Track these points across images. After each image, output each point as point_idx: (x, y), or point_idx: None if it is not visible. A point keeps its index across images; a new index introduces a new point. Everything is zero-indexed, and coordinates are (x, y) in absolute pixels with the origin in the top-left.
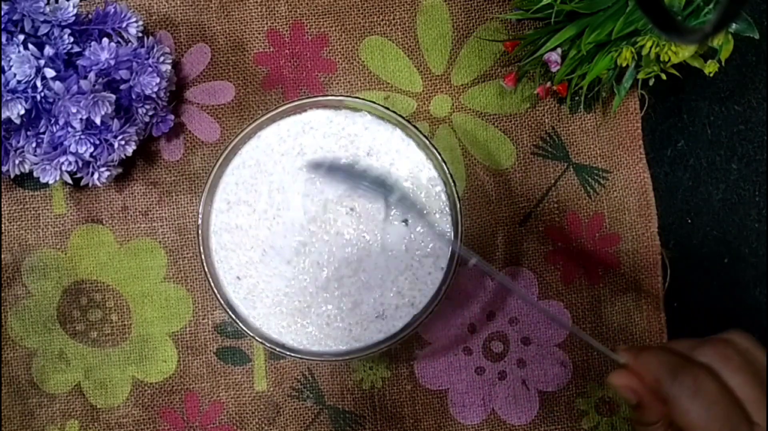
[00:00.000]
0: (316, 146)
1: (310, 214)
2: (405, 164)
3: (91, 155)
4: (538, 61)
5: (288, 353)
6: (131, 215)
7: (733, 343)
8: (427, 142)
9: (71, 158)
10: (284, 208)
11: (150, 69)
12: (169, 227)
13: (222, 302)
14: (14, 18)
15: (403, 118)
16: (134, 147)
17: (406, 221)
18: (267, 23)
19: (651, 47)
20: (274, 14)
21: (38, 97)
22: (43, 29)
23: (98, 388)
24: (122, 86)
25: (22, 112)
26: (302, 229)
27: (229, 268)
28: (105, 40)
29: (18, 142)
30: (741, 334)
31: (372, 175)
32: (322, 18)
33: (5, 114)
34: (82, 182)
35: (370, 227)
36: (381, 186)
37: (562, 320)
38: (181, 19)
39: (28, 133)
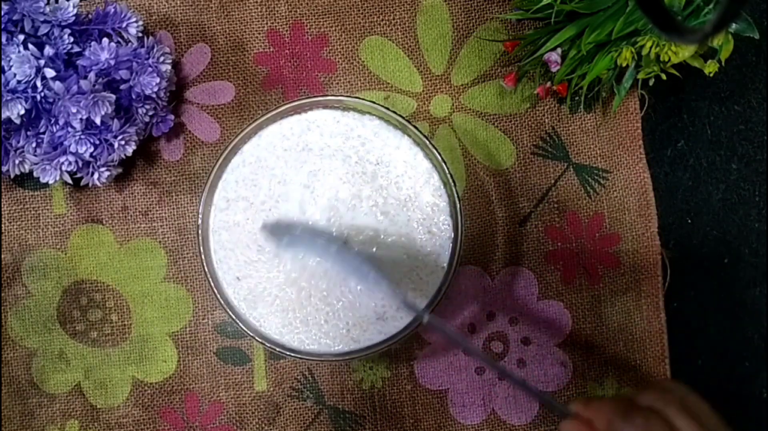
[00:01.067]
0: (322, 144)
1: (305, 204)
2: (412, 173)
3: (91, 155)
4: (538, 61)
5: (288, 353)
6: (131, 215)
7: (670, 389)
8: (427, 142)
9: (71, 158)
10: (282, 200)
11: (150, 69)
12: (169, 227)
13: (222, 302)
14: (14, 18)
15: (403, 118)
16: (134, 147)
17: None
18: (267, 23)
19: (651, 47)
20: (274, 14)
21: (38, 97)
22: (43, 29)
23: (98, 388)
24: (122, 86)
25: (22, 112)
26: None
27: (228, 268)
28: (105, 40)
29: (18, 142)
30: (676, 382)
31: (327, 235)
32: (322, 18)
33: (5, 114)
34: (82, 182)
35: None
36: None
37: (515, 377)
38: (181, 19)
39: (28, 133)
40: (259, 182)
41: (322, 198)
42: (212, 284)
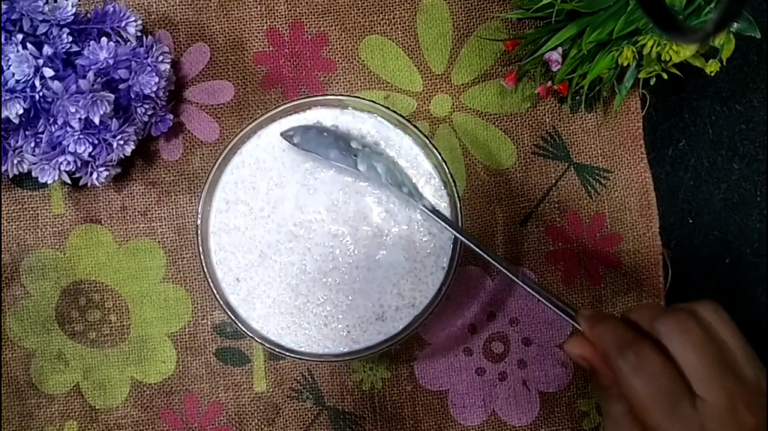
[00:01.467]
0: None
1: (303, 206)
2: (413, 173)
3: (89, 155)
4: (539, 61)
5: (287, 353)
6: (130, 215)
7: (696, 315)
8: (428, 142)
9: (70, 158)
10: (279, 204)
11: (149, 68)
12: (168, 227)
13: (221, 303)
14: (13, 17)
15: (403, 117)
16: (133, 147)
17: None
18: (266, 22)
19: (652, 47)
20: (274, 13)
21: (37, 97)
22: (42, 28)
23: (97, 389)
24: (121, 86)
25: (21, 111)
26: (294, 227)
27: (229, 269)
28: (104, 39)
29: (16, 141)
30: (708, 306)
31: (344, 138)
32: (322, 17)
33: (4, 114)
34: (81, 182)
35: (366, 240)
36: (351, 151)
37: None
38: (180, 19)
39: (27, 132)
40: (257, 185)
41: (320, 194)
42: (211, 284)
